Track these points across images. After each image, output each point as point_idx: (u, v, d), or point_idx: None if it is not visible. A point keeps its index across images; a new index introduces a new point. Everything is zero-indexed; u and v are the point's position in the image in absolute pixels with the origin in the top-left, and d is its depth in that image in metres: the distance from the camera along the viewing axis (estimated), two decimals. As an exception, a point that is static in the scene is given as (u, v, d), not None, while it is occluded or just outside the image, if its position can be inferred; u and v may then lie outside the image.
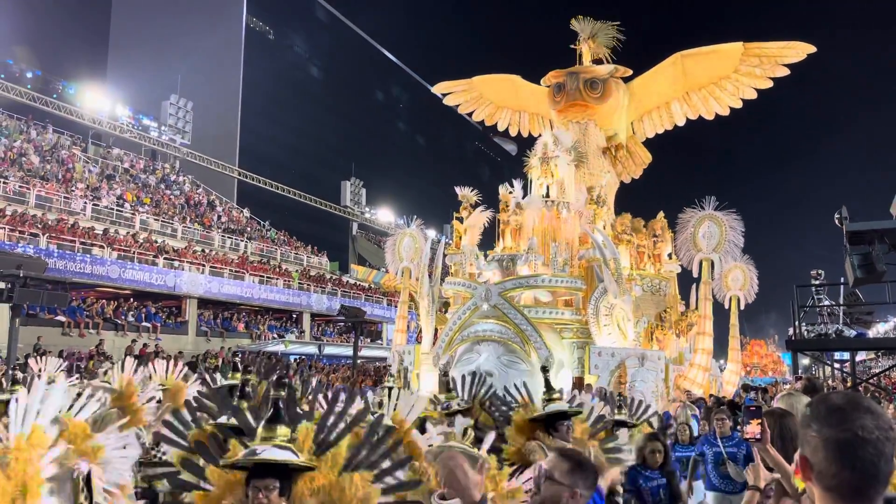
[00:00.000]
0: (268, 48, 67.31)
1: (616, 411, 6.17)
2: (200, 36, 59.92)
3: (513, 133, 23.77)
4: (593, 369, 15.01)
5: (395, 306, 25.70)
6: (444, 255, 18.51)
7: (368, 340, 36.02)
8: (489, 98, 23.21)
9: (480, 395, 6.07)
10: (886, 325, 44.64)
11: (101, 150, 39.62)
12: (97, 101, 40.63)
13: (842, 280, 16.27)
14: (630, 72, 19.75)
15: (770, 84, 18.64)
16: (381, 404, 4.98)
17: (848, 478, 1.31)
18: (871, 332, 22.82)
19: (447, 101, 23.77)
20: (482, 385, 6.26)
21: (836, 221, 10.25)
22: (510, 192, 17.93)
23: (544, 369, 5.21)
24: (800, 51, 18.06)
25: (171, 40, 59.42)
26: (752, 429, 2.86)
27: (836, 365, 24.40)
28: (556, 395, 4.66)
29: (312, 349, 31.41)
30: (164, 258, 28.15)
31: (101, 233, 27.84)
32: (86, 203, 29.90)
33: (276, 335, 31.08)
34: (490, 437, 3.42)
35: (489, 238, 18.96)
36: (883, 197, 9.96)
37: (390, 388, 6.10)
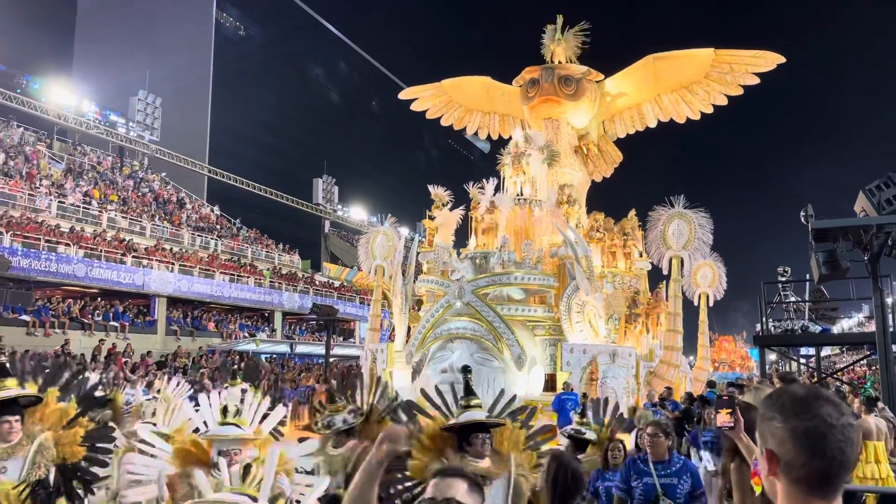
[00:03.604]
0: (238, 44, 66.56)
1: (578, 419, 5.75)
2: (169, 30, 59.04)
3: (482, 136, 23.72)
4: (565, 366, 15.11)
5: (368, 305, 25.61)
6: (418, 253, 18.50)
7: (341, 339, 35.85)
8: (459, 101, 23.09)
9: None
10: (850, 320, 45.61)
11: (67, 147, 38.85)
12: (63, 96, 39.78)
13: (807, 276, 16.59)
14: (601, 76, 19.93)
15: (740, 91, 18.92)
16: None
17: (818, 466, 1.32)
18: (836, 328, 23.32)
19: (415, 107, 23.44)
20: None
21: (802, 219, 10.44)
22: (481, 191, 17.99)
23: (465, 370, 4.49)
24: (769, 60, 18.34)
25: (139, 34, 58.45)
26: (723, 418, 2.89)
27: (802, 360, 24.88)
28: (474, 402, 4.00)
29: (284, 348, 31.16)
30: (133, 257, 27.70)
31: (68, 230, 27.31)
32: (51, 200, 29.31)
33: (247, 334, 30.76)
34: (323, 483, 2.91)
35: (462, 236, 18.99)
36: (849, 195, 10.19)
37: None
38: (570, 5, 21.67)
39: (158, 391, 5.46)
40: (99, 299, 25.73)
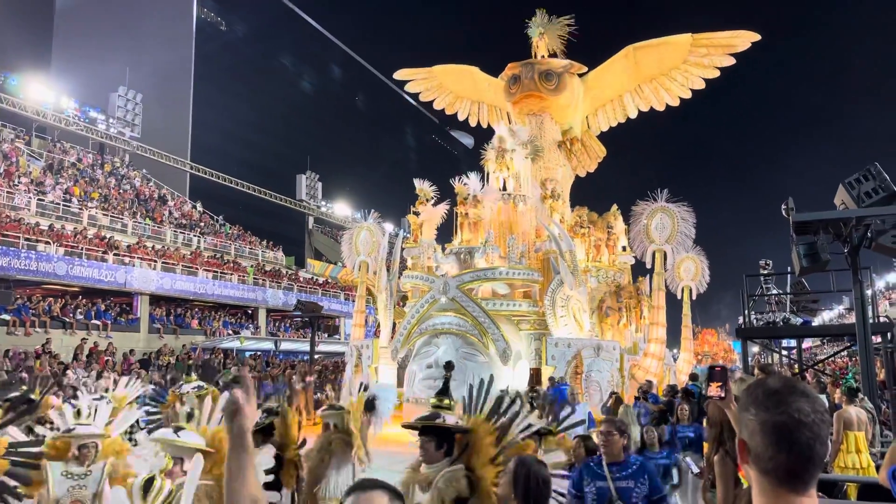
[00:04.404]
0: (220, 39, 65.98)
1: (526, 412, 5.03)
2: (149, 25, 58.39)
3: (472, 123, 23.88)
4: (550, 360, 15.17)
5: (353, 301, 25.55)
6: (402, 249, 18.48)
7: (326, 335, 35.77)
8: (449, 88, 23.34)
9: None
10: (831, 312, 46.19)
11: (46, 144, 38.35)
12: (41, 92, 39.23)
13: (788, 269, 16.75)
14: (584, 68, 20.02)
15: (717, 73, 19.13)
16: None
17: (784, 460, 1.32)
18: (817, 320, 23.57)
19: (409, 88, 23.82)
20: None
21: (783, 212, 10.53)
22: (465, 185, 17.99)
23: (447, 366, 4.29)
24: (745, 39, 18.60)
25: (118, 29, 57.71)
26: (714, 389, 2.89)
27: (784, 352, 25.13)
28: (447, 402, 3.77)
29: (269, 345, 31.02)
30: (114, 254, 27.43)
31: (47, 228, 26.99)
32: (30, 198, 28.94)
33: (230, 331, 30.60)
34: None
35: (447, 231, 18.98)
36: (833, 189, 10.27)
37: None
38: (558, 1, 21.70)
39: (107, 390, 5.29)
40: (80, 298, 25.47)
